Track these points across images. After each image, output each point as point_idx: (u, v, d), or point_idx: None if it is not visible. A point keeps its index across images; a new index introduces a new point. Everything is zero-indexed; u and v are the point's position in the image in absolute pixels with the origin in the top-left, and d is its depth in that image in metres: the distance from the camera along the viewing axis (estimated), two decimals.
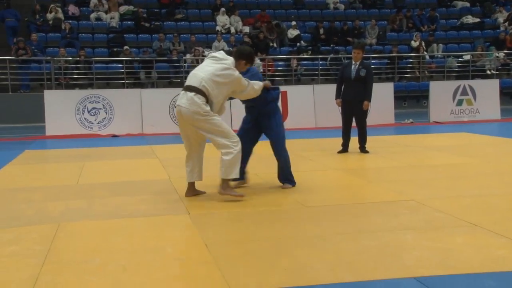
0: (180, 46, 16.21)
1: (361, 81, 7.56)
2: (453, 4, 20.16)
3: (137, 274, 3.21)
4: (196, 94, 4.82)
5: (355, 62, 7.63)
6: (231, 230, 4.17)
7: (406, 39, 17.82)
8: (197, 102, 4.80)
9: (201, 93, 4.83)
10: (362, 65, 7.65)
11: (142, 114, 11.42)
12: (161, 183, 6.00)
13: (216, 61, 4.99)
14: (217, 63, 4.96)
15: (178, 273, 3.25)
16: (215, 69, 4.89)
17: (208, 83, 4.83)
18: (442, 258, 3.38)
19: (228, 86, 4.96)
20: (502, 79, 15.54)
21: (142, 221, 4.41)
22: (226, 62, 4.96)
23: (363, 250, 3.56)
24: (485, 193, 5.13)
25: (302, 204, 4.88)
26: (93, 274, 3.20)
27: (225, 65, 4.93)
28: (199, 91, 4.82)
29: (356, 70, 7.58)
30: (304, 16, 19.17)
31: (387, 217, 4.35)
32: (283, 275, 3.14)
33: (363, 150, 7.77)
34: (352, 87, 7.61)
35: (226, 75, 4.90)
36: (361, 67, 7.61)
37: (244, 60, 5.13)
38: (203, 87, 4.83)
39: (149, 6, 18.66)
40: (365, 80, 7.58)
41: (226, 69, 4.91)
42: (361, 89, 7.59)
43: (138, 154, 8.37)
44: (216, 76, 4.87)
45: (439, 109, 12.42)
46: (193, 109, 4.81)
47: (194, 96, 4.82)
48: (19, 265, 3.40)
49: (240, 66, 5.09)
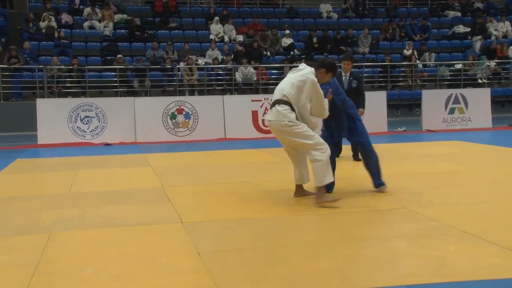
0: (174, 54, 16.23)
1: (354, 91, 7.72)
2: (445, 14, 20.34)
3: (129, 283, 3.19)
4: (279, 104, 4.99)
5: (345, 74, 7.80)
6: (224, 238, 4.16)
7: (399, 48, 17.94)
8: (281, 112, 4.96)
9: (284, 102, 4.99)
10: (353, 76, 7.85)
11: (135, 123, 11.41)
12: (154, 191, 5.98)
13: (296, 71, 5.17)
14: (297, 72, 5.13)
15: (171, 282, 3.24)
16: (295, 77, 5.07)
17: (289, 91, 4.99)
18: (435, 266, 3.38)
19: (306, 91, 5.03)
20: (493, 88, 15.65)
21: (135, 230, 4.39)
22: (305, 70, 5.13)
23: (356, 258, 3.56)
24: (477, 201, 5.15)
25: (295, 212, 4.88)
26: (85, 284, 3.18)
27: (304, 72, 5.09)
28: (281, 101, 5.00)
29: (348, 82, 7.76)
30: (297, 25, 19.27)
31: (380, 225, 4.36)
32: (278, 283, 3.13)
33: (356, 158, 7.81)
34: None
35: (303, 80, 5.01)
36: (352, 78, 7.80)
37: (324, 69, 5.24)
38: (284, 96, 5.00)
39: (143, 14, 18.70)
40: (357, 90, 7.78)
41: (303, 75, 5.05)
42: (354, 99, 7.74)
43: (131, 162, 8.34)
44: (295, 82, 5.02)
45: (431, 118, 12.48)
46: (279, 120, 4.99)
47: (278, 107, 5.00)
48: (10, 275, 3.37)
49: (321, 75, 5.19)
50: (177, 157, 9.11)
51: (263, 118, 11.75)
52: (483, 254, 3.57)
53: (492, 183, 6.05)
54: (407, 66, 16.76)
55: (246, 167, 7.68)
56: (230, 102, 11.98)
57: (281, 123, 4.99)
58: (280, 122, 4.99)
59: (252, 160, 8.43)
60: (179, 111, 11.56)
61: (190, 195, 5.76)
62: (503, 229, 4.16)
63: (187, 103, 11.69)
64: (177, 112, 11.55)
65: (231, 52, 16.61)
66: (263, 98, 12.04)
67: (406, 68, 16.78)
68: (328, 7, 19.84)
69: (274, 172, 7.19)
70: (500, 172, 6.69)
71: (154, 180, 6.71)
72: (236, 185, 6.25)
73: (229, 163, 8.13)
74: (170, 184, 6.34)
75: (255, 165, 7.84)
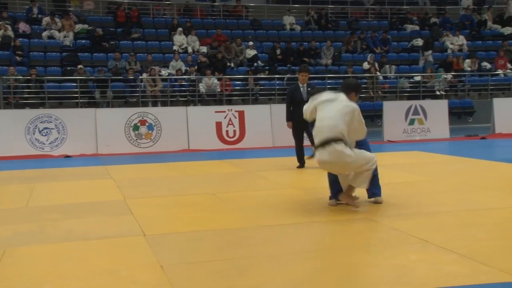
0: (137, 65, 16.07)
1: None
2: (404, 28, 20.89)
3: None
4: (336, 142, 4.88)
5: (303, 85, 8.17)
6: (188, 251, 4.10)
7: (361, 60, 18.29)
8: (340, 150, 4.88)
9: (339, 139, 4.88)
10: (310, 87, 8.23)
11: (96, 134, 11.20)
12: (115, 204, 5.86)
13: (331, 103, 5.05)
14: (335, 103, 5.02)
15: None
16: (340, 110, 4.94)
17: (343, 127, 4.90)
18: (396, 275, 3.43)
19: (354, 121, 5.00)
20: (451, 100, 16.12)
21: (95, 244, 4.28)
22: (342, 98, 5.05)
23: (320, 269, 3.57)
24: (437, 210, 5.26)
25: (259, 223, 4.86)
26: None
27: (344, 102, 5.01)
28: (336, 139, 4.88)
29: (307, 92, 8.06)
30: (261, 37, 19.41)
31: (342, 235, 4.39)
32: None
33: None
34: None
35: (350, 111, 4.97)
36: (310, 89, 8.14)
37: (354, 92, 5.23)
38: (340, 133, 4.89)
39: (104, 25, 18.46)
40: None
41: (347, 105, 4.99)
42: None
43: (92, 175, 8.17)
44: (343, 115, 4.93)
45: (392, 128, 12.74)
46: (341, 160, 4.91)
47: (336, 146, 4.87)
48: None
49: (352, 99, 5.16)
50: (140, 169, 8.98)
51: (226, 129, 11.75)
52: (442, 263, 3.64)
53: (451, 192, 6.20)
54: (369, 78, 17.09)
55: (209, 179, 7.64)
56: (194, 113, 11.93)
57: (343, 161, 4.93)
58: (342, 161, 4.93)
59: (216, 171, 8.39)
60: (142, 122, 11.42)
61: (152, 207, 5.68)
62: (461, 238, 4.26)
63: (150, 114, 11.56)
64: (140, 124, 11.41)
65: (194, 63, 16.57)
66: (227, 109, 12.04)
67: (368, 80, 17.11)
68: (291, 19, 20.08)
69: (237, 183, 7.17)
70: (458, 181, 6.87)
71: (116, 192, 6.59)
72: (200, 196, 6.20)
73: (192, 174, 8.06)
74: (132, 196, 6.23)
75: (219, 177, 7.81)
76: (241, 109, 12.14)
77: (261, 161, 9.36)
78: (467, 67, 18.11)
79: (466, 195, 5.97)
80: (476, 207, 5.33)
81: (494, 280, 3.29)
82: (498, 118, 13.29)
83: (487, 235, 4.33)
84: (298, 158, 8.36)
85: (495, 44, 20.10)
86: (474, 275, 3.39)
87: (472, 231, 4.41)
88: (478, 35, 20.76)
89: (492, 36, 20.77)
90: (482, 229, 4.50)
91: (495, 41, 20.33)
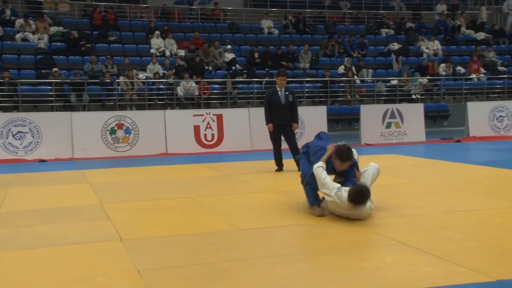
0: (114, 68, 15.91)
1: (290, 105, 8.19)
2: (380, 32, 21.15)
3: None
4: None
5: (281, 89, 8.20)
6: (165, 255, 4.06)
7: (338, 64, 18.42)
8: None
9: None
10: (288, 91, 8.29)
11: (72, 138, 11.04)
12: (91, 209, 5.78)
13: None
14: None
15: None
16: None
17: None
18: (372, 277, 3.45)
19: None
20: (426, 103, 16.35)
21: (70, 250, 4.21)
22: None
23: (297, 272, 3.58)
24: (413, 212, 5.32)
25: (237, 227, 4.85)
26: None
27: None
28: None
29: (285, 96, 8.18)
30: (239, 40, 19.41)
31: (319, 238, 4.41)
32: None
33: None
34: (283, 111, 8.16)
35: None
36: (288, 93, 8.23)
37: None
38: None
39: (80, 27, 18.24)
40: (292, 105, 8.23)
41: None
42: (289, 113, 8.23)
43: (68, 179, 8.05)
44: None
45: (369, 132, 12.85)
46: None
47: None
48: None
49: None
50: (117, 173, 8.88)
51: (205, 132, 11.71)
52: (418, 264, 3.68)
53: (427, 194, 6.28)
54: (346, 82, 17.24)
55: (187, 183, 7.59)
56: (172, 117, 11.86)
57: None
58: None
59: (194, 175, 8.35)
60: (119, 126, 11.30)
61: (129, 211, 5.62)
62: (437, 239, 4.31)
63: (127, 117, 11.45)
64: (117, 127, 11.29)
65: (172, 66, 16.48)
66: (205, 113, 12.00)
67: (345, 84, 17.25)
68: (269, 23, 20.13)
69: (215, 187, 7.15)
70: (433, 184, 6.96)
71: (92, 197, 6.50)
72: (177, 200, 6.16)
73: (170, 178, 8.01)
74: (109, 201, 6.15)
75: (196, 180, 7.77)
76: (219, 113, 12.12)
77: (239, 165, 9.35)
78: (442, 72, 18.40)
79: (442, 197, 6.05)
80: (451, 209, 5.41)
81: (468, 281, 3.34)
82: (472, 122, 13.53)
83: (462, 236, 4.39)
84: (276, 161, 8.38)
85: (469, 49, 20.47)
86: (449, 276, 3.43)
87: (448, 233, 4.48)
88: (453, 40, 21.12)
89: (465, 41, 21.17)
90: (457, 230, 4.57)
91: (468, 46, 20.71)
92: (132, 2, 20.58)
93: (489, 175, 7.73)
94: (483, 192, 6.40)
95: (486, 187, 6.84)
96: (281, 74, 8.34)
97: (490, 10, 23.36)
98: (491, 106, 13.97)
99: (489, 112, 13.70)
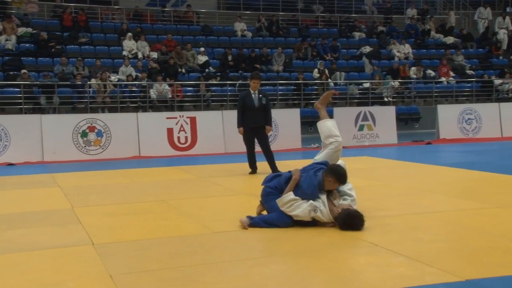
0: (85, 70, 15.67)
1: (263, 108, 8.22)
2: (353, 35, 21.39)
3: None
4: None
5: (254, 91, 8.22)
6: (139, 259, 4.02)
7: (311, 67, 18.54)
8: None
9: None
10: (261, 94, 8.33)
11: (42, 141, 10.82)
12: (62, 213, 5.67)
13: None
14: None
15: None
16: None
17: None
18: (346, 278, 3.48)
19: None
20: (398, 106, 16.60)
21: (40, 255, 4.12)
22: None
23: (272, 275, 3.58)
24: (385, 214, 5.38)
25: (211, 230, 4.83)
26: None
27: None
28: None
29: (258, 99, 8.21)
30: (212, 43, 19.37)
31: (295, 241, 4.42)
32: None
33: (275, 171, 7.92)
34: (256, 114, 8.19)
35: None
36: (261, 96, 8.27)
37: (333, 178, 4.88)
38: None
39: (49, 28, 17.91)
40: (266, 107, 8.26)
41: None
42: (263, 116, 8.25)
43: (37, 183, 7.88)
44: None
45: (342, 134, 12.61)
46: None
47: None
48: None
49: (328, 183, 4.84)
50: (89, 176, 8.74)
51: (178, 135, 11.64)
52: (390, 265, 3.73)
53: (398, 196, 6.37)
54: (319, 85, 17.37)
55: (161, 185, 7.53)
56: (145, 120, 11.75)
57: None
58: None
59: (167, 178, 8.29)
60: (90, 129, 11.14)
61: (101, 215, 5.54)
62: (408, 240, 4.37)
63: (99, 120, 11.29)
64: (89, 130, 11.12)
65: (145, 68, 16.33)
66: (178, 116, 11.92)
67: (318, 87, 17.38)
68: (242, 25, 20.15)
69: (189, 190, 7.11)
70: (405, 186, 7.07)
71: (63, 201, 6.38)
72: (150, 204, 6.10)
73: (143, 181, 7.92)
74: (81, 205, 6.05)
75: (170, 183, 7.71)
76: (192, 115, 12.06)
77: (213, 167, 9.32)
78: (413, 75, 18.71)
79: (413, 199, 6.15)
80: (422, 210, 5.49)
81: (439, 281, 3.40)
82: (442, 124, 13.79)
83: (433, 237, 4.47)
84: (250, 164, 8.39)
85: (438, 52, 20.88)
86: (420, 277, 3.48)
87: (419, 234, 4.55)
88: (423, 44, 21.52)
89: (435, 45, 21.59)
90: (428, 231, 4.64)
91: (438, 50, 21.12)
92: (104, 4, 20.33)
93: (459, 177, 7.89)
94: (453, 193, 6.52)
95: (456, 188, 6.98)
96: (255, 77, 8.41)
97: (458, 15, 23.89)
98: (460, 109, 14.28)
99: (458, 115, 13.99)
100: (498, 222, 4.94)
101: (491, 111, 14.35)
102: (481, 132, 14.00)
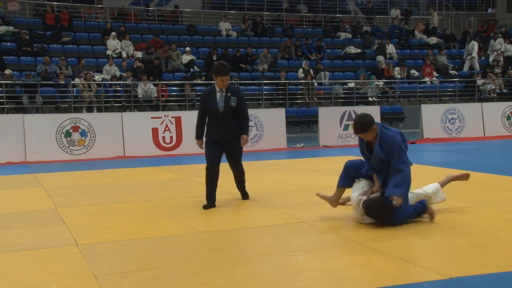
0: (68, 70, 15.52)
1: (232, 113, 5.71)
2: (337, 35, 21.50)
3: None
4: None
5: (221, 89, 5.69)
6: (123, 259, 3.99)
7: (296, 67, 18.61)
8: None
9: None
10: (231, 93, 5.72)
11: (25, 141, 10.70)
12: (45, 213, 5.62)
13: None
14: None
15: None
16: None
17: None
18: (332, 277, 3.50)
19: None
20: (382, 106, 16.73)
21: (23, 256, 4.08)
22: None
23: (257, 274, 3.59)
24: None
25: (196, 229, 4.82)
26: None
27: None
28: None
29: (225, 100, 5.68)
30: (197, 42, 19.33)
31: (280, 240, 4.43)
32: None
33: (245, 197, 6.20)
34: (221, 122, 5.71)
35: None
36: (230, 95, 5.69)
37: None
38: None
39: (32, 27, 17.71)
40: (237, 111, 5.73)
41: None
42: (233, 123, 5.75)
43: (20, 183, 7.79)
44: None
45: (327, 134, 13.02)
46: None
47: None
48: None
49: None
50: (72, 176, 8.67)
51: (163, 135, 11.59)
52: (374, 263, 3.76)
53: None
54: (304, 84, 17.42)
55: (145, 186, 7.49)
56: (129, 119, 11.67)
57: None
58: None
59: (151, 178, 8.25)
60: (74, 129, 11.04)
61: (86, 216, 5.49)
62: (393, 239, 4.41)
63: (83, 120, 11.20)
64: (72, 130, 11.02)
65: (129, 68, 16.23)
66: (163, 115, 11.87)
67: (303, 86, 17.44)
68: (227, 25, 20.14)
69: (173, 190, 7.09)
70: None
71: (46, 201, 6.32)
72: (135, 204, 6.07)
73: (128, 181, 7.88)
74: (64, 205, 6.00)
75: (154, 183, 7.68)
76: (177, 115, 12.02)
77: (198, 167, 9.27)
78: (397, 75, 18.87)
79: None
80: None
81: (423, 279, 3.43)
82: (426, 124, 13.93)
83: (416, 235, 4.51)
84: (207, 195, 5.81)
85: (422, 52, 21.09)
86: (404, 275, 3.52)
87: (402, 232, 4.59)
88: (407, 44, 21.71)
89: (419, 45, 21.80)
90: (411, 230, 4.69)
91: (421, 50, 21.33)
92: (87, 3, 20.16)
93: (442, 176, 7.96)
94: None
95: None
96: (221, 72, 5.64)
97: (441, 15, 24.15)
98: (444, 108, 14.43)
99: (442, 115, 14.14)
100: (479, 221, 5.01)
101: (473, 111, 14.53)
102: (464, 131, 14.17)
